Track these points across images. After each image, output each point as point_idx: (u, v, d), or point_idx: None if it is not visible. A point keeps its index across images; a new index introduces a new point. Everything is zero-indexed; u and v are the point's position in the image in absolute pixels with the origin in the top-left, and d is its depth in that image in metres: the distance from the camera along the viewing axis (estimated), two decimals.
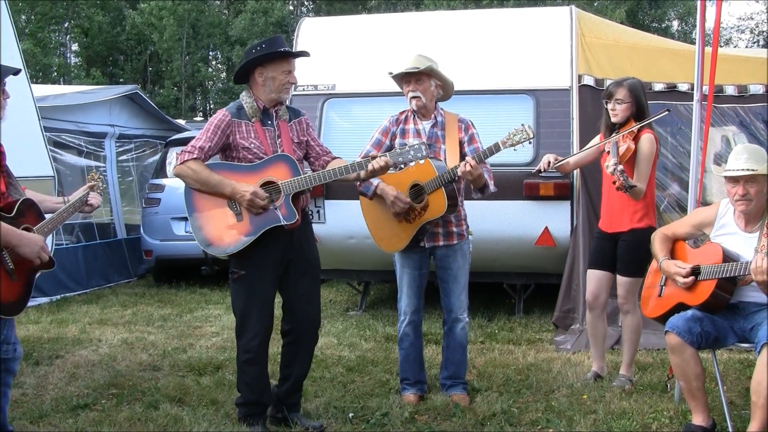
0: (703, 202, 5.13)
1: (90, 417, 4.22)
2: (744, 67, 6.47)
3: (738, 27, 35.60)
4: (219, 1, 37.02)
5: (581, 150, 5.10)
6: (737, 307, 3.76)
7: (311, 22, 7.73)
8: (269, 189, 3.83)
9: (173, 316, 7.30)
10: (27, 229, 3.42)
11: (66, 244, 8.63)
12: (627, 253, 4.63)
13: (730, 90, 6.27)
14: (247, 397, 3.98)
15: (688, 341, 3.66)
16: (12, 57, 5.96)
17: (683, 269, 3.78)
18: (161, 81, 34.20)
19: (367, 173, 3.97)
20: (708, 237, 3.91)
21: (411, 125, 4.51)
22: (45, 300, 7.88)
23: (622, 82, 4.67)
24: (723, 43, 31.12)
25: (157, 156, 10.11)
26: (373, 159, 3.92)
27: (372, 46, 6.93)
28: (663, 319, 3.87)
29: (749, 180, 3.66)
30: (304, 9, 37.13)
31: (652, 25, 32.86)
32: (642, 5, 33.40)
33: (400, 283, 4.56)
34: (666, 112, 4.62)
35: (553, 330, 6.25)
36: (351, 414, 4.22)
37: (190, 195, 3.89)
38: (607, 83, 5.30)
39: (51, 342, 6.07)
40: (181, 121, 13.10)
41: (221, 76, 36.60)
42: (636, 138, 4.55)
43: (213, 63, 37.52)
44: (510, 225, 6.32)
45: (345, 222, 6.33)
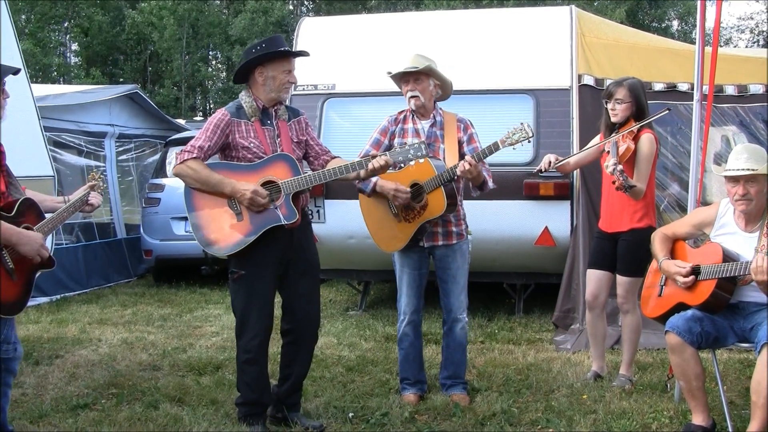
0: (703, 201, 5.13)
1: (90, 417, 4.22)
2: (744, 67, 6.47)
3: (738, 27, 35.67)
4: (219, 1, 37.00)
5: (581, 150, 5.10)
6: (737, 307, 3.76)
7: (311, 21, 7.74)
8: (269, 188, 3.82)
9: (173, 315, 7.30)
10: (27, 229, 3.41)
11: (66, 243, 8.63)
12: (627, 253, 4.63)
13: (730, 90, 6.27)
14: (247, 397, 3.98)
15: (688, 341, 3.66)
16: (12, 57, 5.96)
17: (683, 268, 3.78)
18: (161, 81, 34.20)
19: (367, 172, 3.96)
20: (708, 237, 3.91)
21: (410, 125, 4.50)
22: (45, 300, 7.88)
23: (622, 81, 4.67)
24: (723, 43, 31.12)
25: (157, 156, 10.11)
26: (373, 158, 3.92)
27: (372, 45, 6.92)
28: (663, 319, 3.87)
29: (749, 180, 3.66)
30: (304, 9, 37.12)
31: (652, 25, 32.87)
32: (642, 5, 33.40)
33: (399, 283, 4.56)
34: (666, 111, 4.61)
35: (553, 330, 6.25)
36: (351, 414, 4.22)
37: (189, 195, 3.88)
38: (607, 83, 5.29)
39: (51, 342, 6.06)
40: (181, 121, 13.09)
41: (221, 75, 36.61)
42: (636, 138, 4.55)
43: (213, 63, 37.52)
44: (510, 225, 6.32)
45: (345, 222, 6.33)
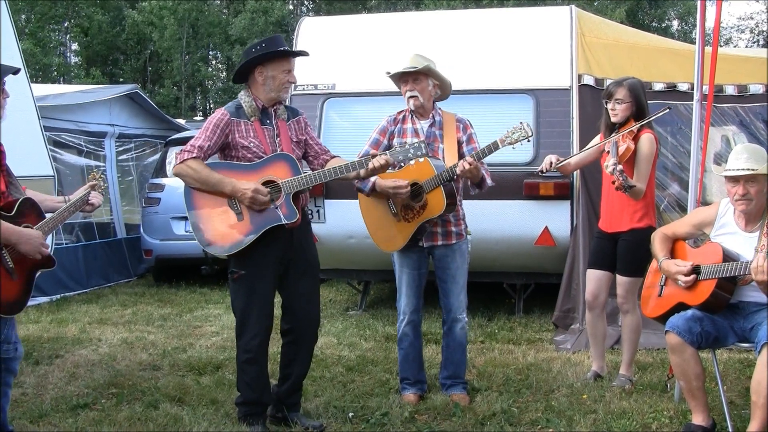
0: (703, 201, 5.13)
1: (90, 416, 4.22)
2: (744, 67, 6.47)
3: (738, 27, 35.68)
4: (219, 1, 37.00)
5: (582, 150, 5.10)
6: (737, 307, 3.76)
7: (311, 21, 7.74)
8: (269, 188, 3.82)
9: (173, 315, 7.30)
10: (27, 228, 3.41)
11: (66, 243, 8.63)
12: (627, 253, 4.63)
13: (730, 90, 6.27)
14: (247, 397, 3.98)
15: (688, 341, 3.65)
16: (12, 56, 5.96)
17: (684, 267, 3.78)
18: (161, 80, 34.21)
19: (367, 172, 3.97)
20: (708, 237, 3.91)
21: (409, 125, 4.50)
22: (45, 299, 7.88)
23: (622, 81, 4.67)
24: (723, 43, 31.12)
25: (157, 155, 10.11)
26: (373, 157, 3.92)
27: (372, 45, 6.92)
28: (663, 319, 3.87)
29: (749, 180, 3.66)
30: (303, 8, 37.12)
31: (652, 25, 32.87)
32: (642, 5, 33.41)
33: (399, 283, 4.55)
34: (666, 110, 4.61)
35: (553, 330, 6.25)
36: (351, 413, 4.22)
37: (189, 194, 3.88)
38: (607, 83, 5.29)
39: (51, 341, 6.06)
40: (181, 121, 13.09)
41: (221, 75, 36.61)
42: (636, 138, 4.55)
43: (213, 62, 37.53)
44: (510, 225, 6.32)
45: (345, 221, 6.33)
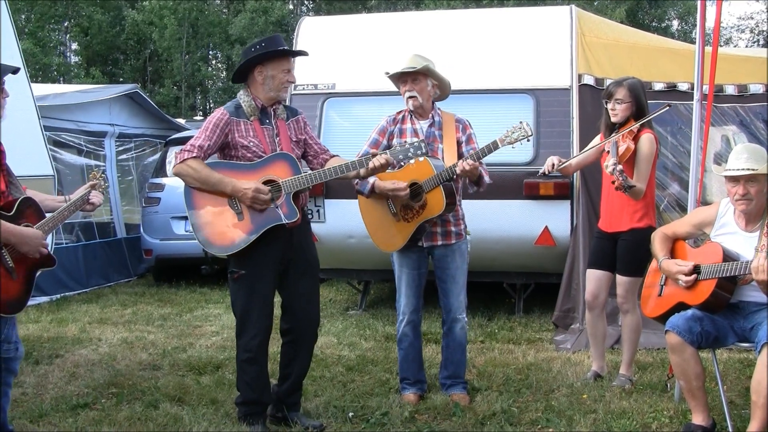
0: (703, 201, 5.13)
1: (90, 416, 4.22)
2: (744, 67, 6.47)
3: (738, 26, 35.68)
4: (219, 1, 37.00)
5: (582, 151, 5.09)
6: (737, 307, 3.76)
7: (311, 21, 7.73)
8: (270, 187, 3.82)
9: (173, 315, 7.29)
10: (27, 227, 3.41)
11: (66, 243, 8.63)
12: (627, 253, 4.63)
13: (730, 89, 6.28)
14: (247, 397, 3.98)
15: (688, 341, 3.65)
16: (12, 56, 5.96)
17: (685, 267, 3.78)
18: (161, 80, 34.21)
19: (368, 171, 3.97)
20: (708, 236, 3.91)
21: (408, 125, 4.50)
22: (45, 299, 7.88)
23: (622, 81, 4.66)
24: (723, 43, 31.12)
25: (157, 155, 10.11)
26: (373, 157, 3.92)
27: (372, 45, 6.92)
28: (663, 319, 3.87)
29: (750, 179, 3.66)
30: (304, 8, 37.11)
31: (652, 25, 32.87)
32: (642, 5, 33.41)
33: (398, 283, 4.55)
34: (666, 107, 4.61)
35: (553, 329, 6.25)
36: (351, 413, 4.22)
37: (190, 194, 3.88)
38: (607, 83, 5.29)
39: (51, 341, 6.06)
40: (181, 121, 13.10)
41: (221, 75, 36.61)
42: (636, 138, 4.54)
43: (213, 62, 37.53)
44: (510, 224, 6.32)
45: (345, 221, 6.33)
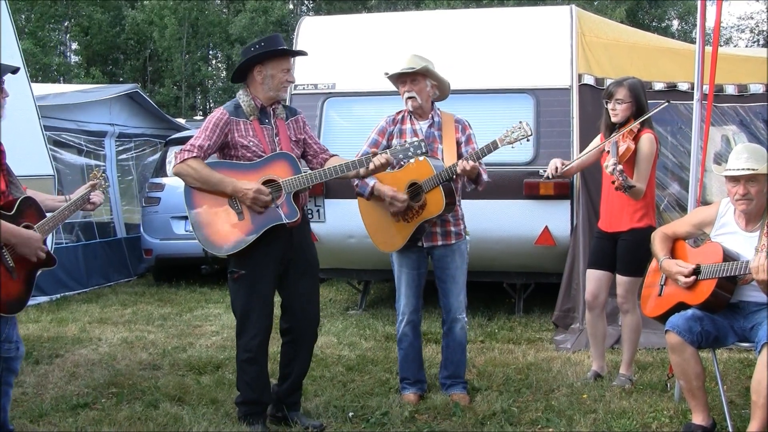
0: (704, 201, 5.13)
1: (90, 416, 4.22)
2: (744, 67, 6.47)
3: (738, 26, 35.69)
4: (219, 0, 37.00)
5: (583, 153, 5.09)
6: (737, 307, 3.76)
7: (311, 21, 7.73)
8: (270, 187, 3.82)
9: (173, 315, 7.30)
10: (27, 227, 3.41)
11: (66, 243, 8.63)
12: (627, 253, 4.63)
13: (730, 89, 6.28)
14: (247, 396, 3.98)
15: (688, 340, 3.65)
16: (12, 56, 5.97)
17: (685, 269, 3.78)
18: (161, 80, 34.20)
19: (368, 171, 3.96)
20: (708, 236, 3.91)
21: (408, 125, 4.50)
22: (45, 299, 7.88)
23: (622, 81, 4.66)
24: (723, 43, 31.12)
25: (157, 155, 10.11)
26: (374, 156, 3.92)
27: (372, 45, 6.92)
28: (663, 319, 3.87)
29: (750, 179, 3.66)
30: (304, 8, 37.11)
31: (652, 25, 32.86)
32: (642, 4, 33.40)
33: (398, 283, 4.55)
34: (665, 103, 4.61)
35: (553, 329, 6.25)
36: (351, 413, 4.22)
37: (190, 194, 3.88)
38: (608, 83, 5.29)
39: (51, 341, 6.06)
40: (181, 120, 13.10)
41: (221, 75, 36.61)
42: (636, 138, 4.54)
43: (213, 62, 37.52)
44: (510, 224, 6.32)
45: (345, 221, 6.32)
